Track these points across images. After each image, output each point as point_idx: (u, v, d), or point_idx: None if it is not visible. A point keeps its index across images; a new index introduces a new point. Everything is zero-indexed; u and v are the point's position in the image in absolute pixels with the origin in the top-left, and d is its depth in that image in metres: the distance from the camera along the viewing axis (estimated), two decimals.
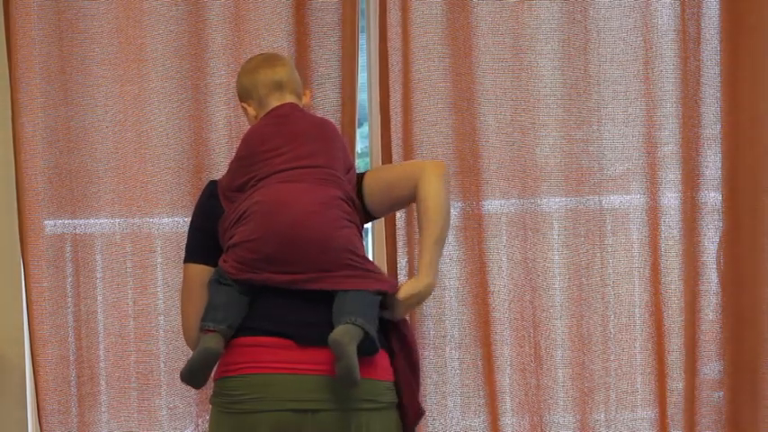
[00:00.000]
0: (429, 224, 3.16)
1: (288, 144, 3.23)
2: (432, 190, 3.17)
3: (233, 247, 3.15)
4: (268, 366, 3.08)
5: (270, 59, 3.39)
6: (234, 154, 3.73)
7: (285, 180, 3.17)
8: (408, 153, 3.91)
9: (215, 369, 3.15)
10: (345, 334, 3.03)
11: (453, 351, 3.97)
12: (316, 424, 3.06)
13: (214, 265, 3.21)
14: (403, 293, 3.16)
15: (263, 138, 3.27)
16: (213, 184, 3.33)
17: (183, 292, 3.30)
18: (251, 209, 3.15)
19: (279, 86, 3.32)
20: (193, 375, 3.11)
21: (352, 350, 3.00)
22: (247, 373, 3.09)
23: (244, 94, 3.37)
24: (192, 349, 3.21)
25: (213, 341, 3.10)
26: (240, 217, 3.16)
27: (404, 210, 3.83)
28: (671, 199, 4.00)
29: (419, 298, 3.19)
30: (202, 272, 3.24)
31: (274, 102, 3.32)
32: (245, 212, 3.15)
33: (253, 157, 3.24)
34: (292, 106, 3.31)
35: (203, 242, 3.27)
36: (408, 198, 3.26)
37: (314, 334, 3.08)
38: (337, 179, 3.20)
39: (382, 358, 3.15)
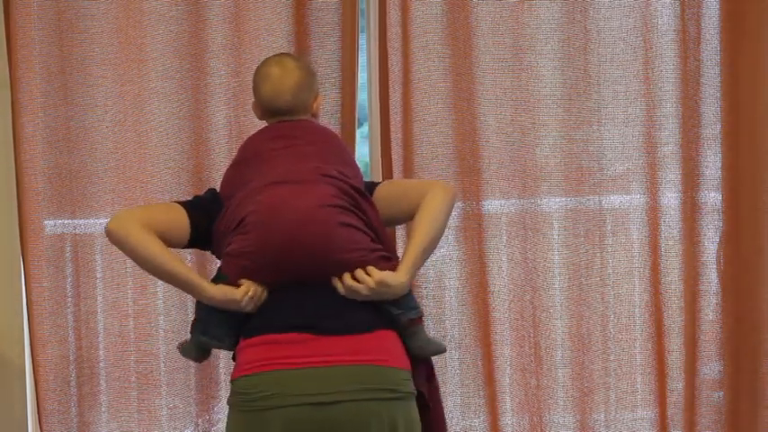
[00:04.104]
0: (421, 230, 3.19)
1: (282, 147, 3.24)
2: (433, 203, 3.20)
3: (234, 256, 3.16)
4: (281, 363, 3.08)
5: (280, 80, 3.31)
6: (233, 154, 3.75)
7: (278, 181, 3.17)
8: (408, 153, 3.91)
9: (231, 372, 3.19)
10: (430, 343, 3.23)
11: (453, 351, 3.97)
12: (333, 417, 3.03)
13: (195, 226, 3.23)
14: (377, 276, 3.13)
15: (257, 143, 3.29)
16: (214, 190, 3.35)
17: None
18: (247, 219, 3.14)
19: (281, 113, 3.32)
20: (187, 356, 3.29)
21: (429, 343, 3.23)
22: (260, 371, 3.09)
23: (254, 92, 3.37)
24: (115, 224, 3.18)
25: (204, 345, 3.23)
26: (238, 225, 3.16)
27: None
28: (671, 199, 4.00)
29: (388, 291, 3.15)
30: (182, 213, 3.24)
31: (275, 120, 3.33)
32: (243, 221, 3.15)
33: (247, 162, 3.26)
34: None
35: (202, 208, 3.27)
36: (409, 213, 3.26)
37: (328, 323, 3.09)
38: (332, 177, 3.19)
39: (398, 345, 3.17)
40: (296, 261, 3.10)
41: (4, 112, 3.88)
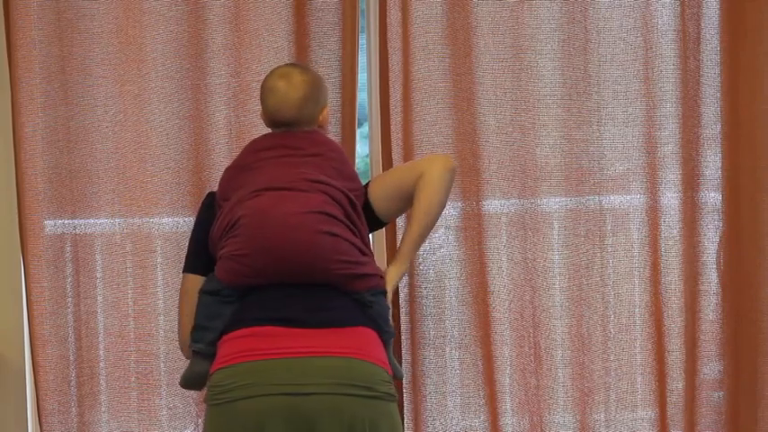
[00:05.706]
0: (419, 219, 3.30)
1: (279, 156, 3.26)
2: (431, 181, 3.28)
3: (224, 258, 3.20)
4: (257, 354, 3.07)
5: (285, 95, 3.33)
6: (233, 154, 3.75)
7: (267, 188, 3.19)
8: (408, 153, 3.91)
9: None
10: (391, 362, 3.25)
11: (453, 351, 3.97)
12: (307, 407, 3.01)
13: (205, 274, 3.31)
14: (391, 285, 3.31)
15: (257, 150, 3.31)
16: (212, 194, 3.37)
17: (180, 301, 3.37)
18: (238, 223, 3.17)
19: (285, 126, 3.33)
20: (189, 386, 3.33)
21: (396, 367, 3.30)
22: (236, 363, 3.09)
23: (261, 102, 3.39)
24: (186, 355, 3.32)
25: (201, 365, 3.22)
26: (230, 228, 3.18)
27: (404, 219, 3.81)
28: (671, 199, 4.00)
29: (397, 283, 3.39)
30: (200, 283, 3.29)
31: (279, 131, 3.36)
32: (234, 225, 3.18)
33: (244, 167, 3.28)
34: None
35: (203, 254, 3.32)
36: (409, 201, 3.33)
37: (308, 316, 3.10)
38: (322, 184, 3.20)
39: (378, 344, 3.19)
40: (281, 266, 3.13)
41: (5, 112, 3.88)
